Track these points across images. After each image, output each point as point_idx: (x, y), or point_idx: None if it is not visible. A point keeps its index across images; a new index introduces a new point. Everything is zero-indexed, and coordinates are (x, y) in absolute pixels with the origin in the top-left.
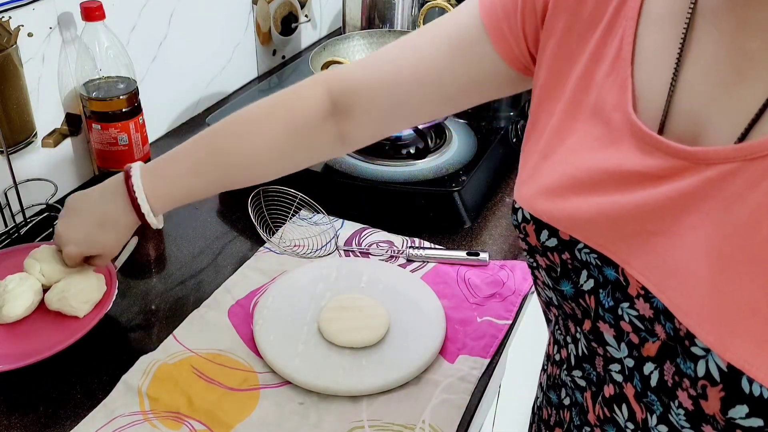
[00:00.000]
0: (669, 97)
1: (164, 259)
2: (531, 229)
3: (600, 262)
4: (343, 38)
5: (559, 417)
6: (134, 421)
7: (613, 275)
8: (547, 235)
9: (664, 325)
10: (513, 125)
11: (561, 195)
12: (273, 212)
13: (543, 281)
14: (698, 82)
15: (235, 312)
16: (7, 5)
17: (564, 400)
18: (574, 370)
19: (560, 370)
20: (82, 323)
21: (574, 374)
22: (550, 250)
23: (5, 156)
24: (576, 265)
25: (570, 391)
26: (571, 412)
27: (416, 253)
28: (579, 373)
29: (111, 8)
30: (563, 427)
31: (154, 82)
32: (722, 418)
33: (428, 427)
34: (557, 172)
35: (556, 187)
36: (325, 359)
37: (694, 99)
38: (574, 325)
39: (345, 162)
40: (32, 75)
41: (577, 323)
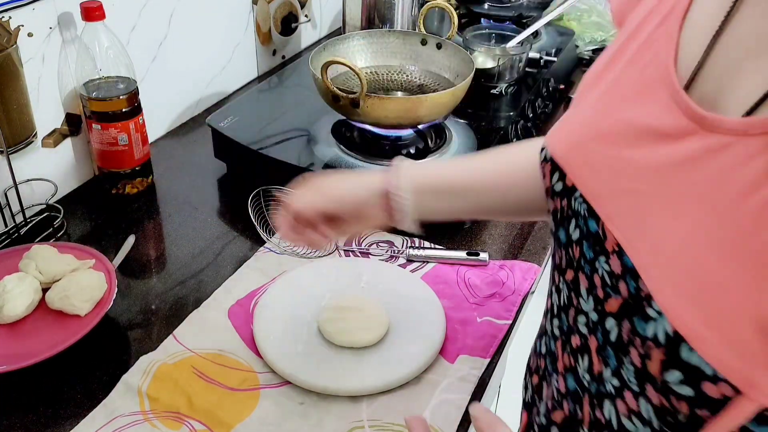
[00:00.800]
0: (702, 58)
1: (164, 259)
2: (547, 169)
3: (587, 213)
4: (343, 38)
5: (537, 364)
6: (134, 421)
7: (594, 228)
8: (557, 178)
9: (629, 284)
10: (513, 125)
11: (578, 139)
12: (273, 212)
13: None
14: (732, 49)
15: (235, 312)
16: (7, 5)
17: (541, 348)
18: (554, 319)
19: (546, 319)
20: (83, 322)
21: (553, 323)
22: (556, 195)
23: (5, 156)
24: (569, 213)
25: (547, 339)
26: (546, 360)
27: (416, 253)
28: (556, 323)
29: (111, 8)
30: (539, 373)
31: (154, 82)
32: (660, 380)
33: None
34: (582, 116)
35: (576, 131)
36: (325, 359)
37: (723, 66)
38: (559, 275)
39: (345, 162)
40: (32, 75)
41: (561, 273)
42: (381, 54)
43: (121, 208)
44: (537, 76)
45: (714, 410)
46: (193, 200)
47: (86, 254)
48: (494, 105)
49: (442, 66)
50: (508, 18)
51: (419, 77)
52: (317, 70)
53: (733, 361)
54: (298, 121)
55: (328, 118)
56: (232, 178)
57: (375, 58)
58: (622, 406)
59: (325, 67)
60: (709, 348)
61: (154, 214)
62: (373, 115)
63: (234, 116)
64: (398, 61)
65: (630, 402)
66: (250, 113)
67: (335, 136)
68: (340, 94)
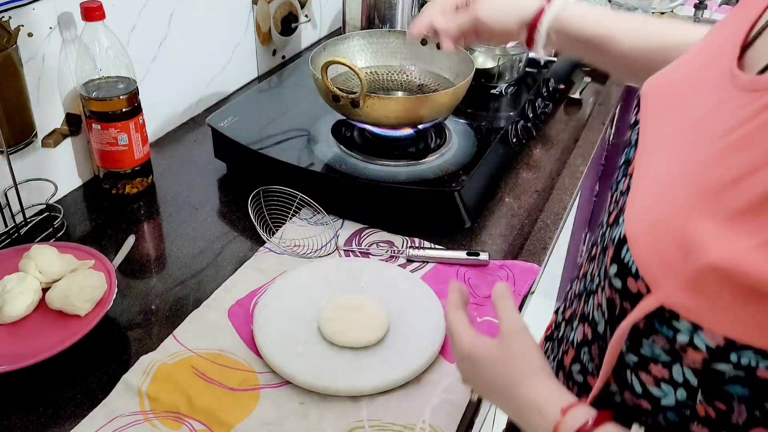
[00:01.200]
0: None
1: (164, 259)
2: (635, 104)
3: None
4: (343, 38)
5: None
6: (134, 421)
7: (630, 155)
8: (635, 113)
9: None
10: (513, 125)
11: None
12: (273, 212)
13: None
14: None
15: (235, 312)
16: (7, 5)
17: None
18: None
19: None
20: (83, 322)
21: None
22: (631, 126)
23: (5, 156)
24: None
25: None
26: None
27: (416, 253)
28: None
29: (111, 8)
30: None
31: (154, 82)
32: (608, 274)
33: (428, 427)
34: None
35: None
36: (325, 359)
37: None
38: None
39: (345, 162)
40: (32, 75)
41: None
42: (381, 54)
43: (121, 208)
44: (537, 76)
45: (632, 304)
46: (193, 200)
47: (86, 254)
48: (494, 105)
49: (442, 66)
50: None
51: (419, 77)
52: (317, 70)
53: (652, 264)
54: (298, 121)
55: (328, 118)
56: (232, 178)
57: (375, 58)
58: (596, 299)
59: (325, 67)
60: (639, 251)
61: (154, 214)
62: (373, 115)
63: (234, 116)
64: (398, 61)
65: (599, 297)
66: (250, 113)
67: (335, 136)
68: (340, 94)
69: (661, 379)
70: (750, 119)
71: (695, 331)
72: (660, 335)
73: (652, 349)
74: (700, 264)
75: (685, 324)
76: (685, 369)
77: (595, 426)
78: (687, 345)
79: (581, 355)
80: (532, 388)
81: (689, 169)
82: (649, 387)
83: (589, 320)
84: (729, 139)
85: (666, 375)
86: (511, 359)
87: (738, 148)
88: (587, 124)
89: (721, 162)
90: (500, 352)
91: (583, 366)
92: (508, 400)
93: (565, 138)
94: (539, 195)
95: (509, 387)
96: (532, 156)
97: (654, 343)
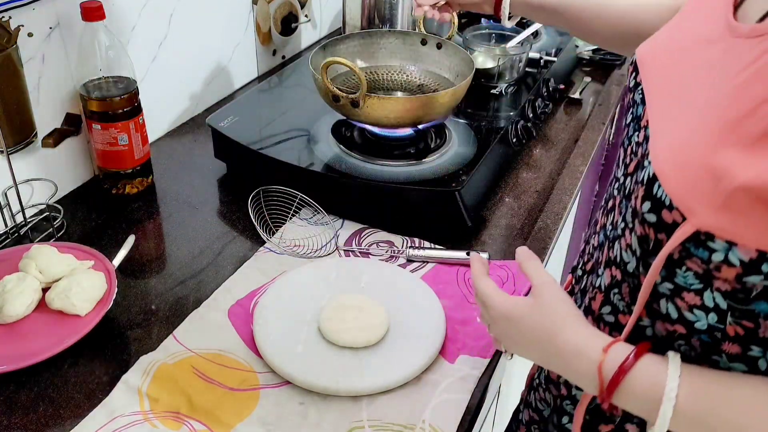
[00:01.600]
0: None
1: (164, 259)
2: (630, 70)
3: (640, 101)
4: (343, 38)
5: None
6: (134, 421)
7: (639, 112)
8: (633, 77)
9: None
10: (513, 125)
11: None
12: (273, 212)
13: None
14: None
15: (235, 312)
16: (7, 5)
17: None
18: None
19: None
20: (83, 322)
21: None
22: (630, 90)
23: (5, 156)
24: (631, 103)
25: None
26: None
27: (416, 253)
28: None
29: (111, 8)
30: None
31: (154, 82)
32: (640, 212)
33: (428, 427)
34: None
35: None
36: (325, 359)
37: None
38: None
39: (345, 162)
40: (32, 75)
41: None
42: (381, 54)
43: (121, 208)
44: (537, 76)
45: (668, 234)
46: (193, 200)
47: (86, 254)
48: (494, 105)
49: (442, 66)
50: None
51: (419, 77)
52: (317, 70)
53: (685, 195)
54: (298, 121)
55: (328, 118)
56: (232, 178)
57: (375, 58)
58: (623, 242)
59: (325, 67)
60: (671, 185)
61: (154, 214)
62: (373, 115)
63: (234, 116)
64: (398, 61)
65: (627, 238)
66: (250, 113)
67: (335, 136)
68: (340, 94)
69: (693, 305)
70: (757, 59)
71: (730, 249)
72: (694, 259)
73: (684, 278)
74: (731, 188)
75: (720, 243)
76: (715, 294)
77: (636, 358)
78: (722, 263)
79: (611, 297)
80: (570, 335)
81: (708, 109)
82: (684, 312)
83: (617, 263)
84: (740, 78)
85: (698, 302)
86: (546, 310)
87: (749, 84)
88: (587, 124)
89: (736, 98)
90: (534, 305)
91: (613, 306)
92: (546, 350)
93: (565, 138)
94: (539, 195)
95: (547, 337)
96: (532, 156)
97: (687, 271)
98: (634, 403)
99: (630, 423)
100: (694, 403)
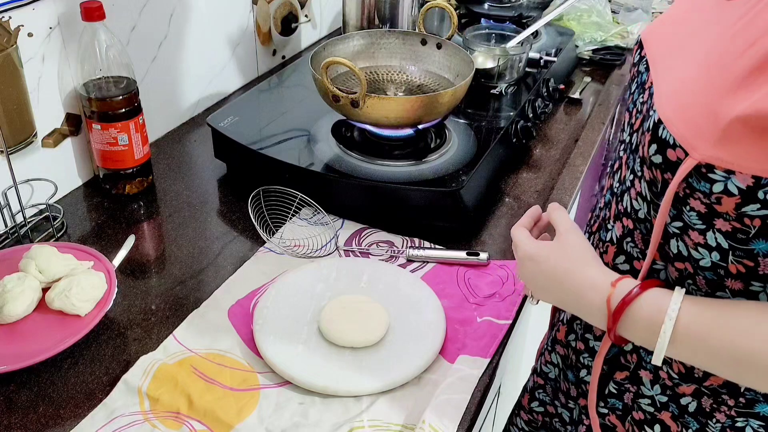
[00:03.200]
0: None
1: (164, 259)
2: (635, 49)
3: (645, 69)
4: (343, 38)
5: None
6: (134, 421)
7: (644, 78)
8: (638, 56)
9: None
10: (513, 125)
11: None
12: (273, 212)
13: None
14: None
15: (235, 312)
16: (7, 5)
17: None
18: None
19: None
20: (83, 322)
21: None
22: (634, 65)
23: (5, 156)
24: (635, 74)
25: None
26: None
27: (416, 253)
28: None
29: (111, 8)
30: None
31: (154, 82)
32: (648, 157)
33: (428, 427)
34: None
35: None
36: (325, 359)
37: None
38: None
39: (345, 162)
40: (32, 75)
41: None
42: (381, 54)
43: (121, 208)
44: (537, 76)
45: (673, 173)
46: (193, 200)
47: (86, 254)
48: (494, 105)
49: (442, 66)
50: (508, 18)
51: (419, 77)
52: (317, 70)
53: (686, 133)
54: (298, 121)
55: (328, 118)
56: (232, 178)
57: (375, 58)
58: (633, 192)
59: (325, 67)
60: (675, 126)
61: (154, 214)
62: (373, 115)
63: (234, 116)
64: (398, 61)
65: (637, 187)
66: (250, 113)
67: (335, 136)
68: (340, 94)
69: (698, 243)
70: (749, 10)
71: (728, 178)
72: (697, 194)
73: (689, 217)
74: (727, 120)
75: (720, 174)
76: (717, 234)
77: (642, 290)
78: (722, 193)
79: (624, 246)
80: (587, 270)
81: (706, 58)
82: (690, 250)
83: (627, 213)
84: (735, 28)
85: (702, 240)
86: (568, 251)
87: (743, 30)
88: (587, 124)
89: (732, 43)
90: (558, 247)
91: (627, 255)
92: (565, 287)
93: (565, 138)
94: (539, 195)
95: (567, 274)
96: (532, 156)
97: (691, 211)
98: (637, 331)
99: (643, 369)
100: (695, 323)
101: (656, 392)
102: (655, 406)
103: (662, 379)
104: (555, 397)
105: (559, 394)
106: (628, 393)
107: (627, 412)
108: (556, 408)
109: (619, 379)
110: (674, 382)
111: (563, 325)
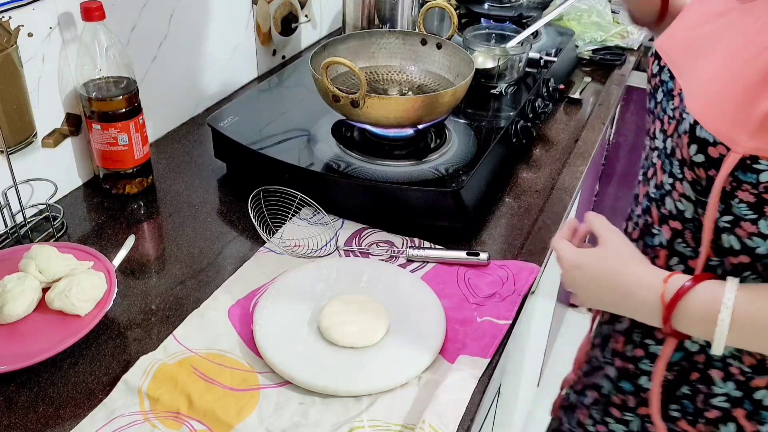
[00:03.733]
0: None
1: (164, 259)
2: (652, 60)
3: (669, 78)
4: (343, 38)
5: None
6: (134, 421)
7: (670, 86)
8: (657, 66)
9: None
10: (513, 125)
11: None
12: (273, 212)
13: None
14: None
15: (235, 312)
16: (7, 5)
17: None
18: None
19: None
20: (83, 322)
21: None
22: (654, 75)
23: (5, 156)
24: (659, 84)
25: (637, 185)
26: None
27: (416, 253)
28: (642, 171)
29: (111, 8)
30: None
31: (154, 82)
32: (688, 158)
33: (428, 427)
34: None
35: (674, 26)
36: (325, 359)
37: None
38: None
39: (345, 162)
40: (32, 75)
41: (648, 129)
42: (381, 54)
43: (121, 208)
44: (537, 76)
45: (717, 168)
46: (193, 200)
47: (86, 254)
48: (494, 105)
49: (442, 66)
50: (508, 18)
51: (419, 77)
52: (317, 70)
53: (723, 129)
54: (298, 121)
55: (328, 118)
56: (232, 178)
57: (375, 58)
58: (675, 194)
59: (325, 67)
60: (710, 124)
61: (154, 214)
62: (373, 115)
63: (234, 116)
64: (398, 61)
65: (679, 189)
66: (250, 113)
67: (335, 136)
68: (340, 94)
69: (751, 233)
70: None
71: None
72: (744, 186)
73: (739, 209)
74: (764, 111)
75: (764, 163)
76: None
77: (695, 283)
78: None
79: (676, 247)
80: (636, 270)
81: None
82: (745, 241)
83: (673, 216)
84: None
85: (755, 230)
86: (612, 254)
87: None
88: (587, 124)
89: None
90: (601, 251)
91: (681, 255)
92: (614, 288)
93: (565, 138)
94: (539, 195)
95: (616, 276)
96: (532, 156)
97: (740, 203)
98: (694, 322)
99: (713, 368)
100: (751, 308)
101: (730, 388)
102: (730, 402)
103: (734, 375)
104: (606, 414)
105: (610, 409)
106: (699, 395)
107: (699, 413)
108: (607, 425)
109: (692, 380)
110: (747, 377)
111: (621, 335)
